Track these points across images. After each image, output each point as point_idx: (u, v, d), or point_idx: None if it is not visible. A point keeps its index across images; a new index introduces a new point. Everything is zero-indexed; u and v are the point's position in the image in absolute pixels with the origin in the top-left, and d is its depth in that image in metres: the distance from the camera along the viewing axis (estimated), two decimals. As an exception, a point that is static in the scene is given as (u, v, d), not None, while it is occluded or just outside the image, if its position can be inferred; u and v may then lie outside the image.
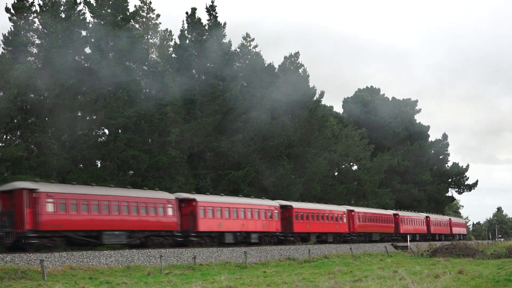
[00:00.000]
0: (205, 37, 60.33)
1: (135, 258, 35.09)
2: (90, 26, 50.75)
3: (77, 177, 44.46)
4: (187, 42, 59.20)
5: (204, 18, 61.95)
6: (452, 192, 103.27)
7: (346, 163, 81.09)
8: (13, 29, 46.76)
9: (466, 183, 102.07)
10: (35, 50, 48.02)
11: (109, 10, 51.74)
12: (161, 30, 64.92)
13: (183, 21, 60.86)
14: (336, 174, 79.94)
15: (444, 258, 42.63)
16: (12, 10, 47.06)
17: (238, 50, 66.40)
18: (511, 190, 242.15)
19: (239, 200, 47.42)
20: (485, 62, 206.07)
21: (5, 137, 45.81)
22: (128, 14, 53.41)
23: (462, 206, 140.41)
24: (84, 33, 50.28)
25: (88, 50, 50.19)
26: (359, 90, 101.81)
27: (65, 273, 29.75)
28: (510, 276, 25.72)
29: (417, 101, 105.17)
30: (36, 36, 48.07)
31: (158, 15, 64.15)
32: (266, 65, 66.22)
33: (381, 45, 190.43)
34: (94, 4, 51.53)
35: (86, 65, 48.87)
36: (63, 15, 48.87)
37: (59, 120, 46.06)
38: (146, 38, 61.01)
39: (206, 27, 61.68)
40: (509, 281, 24.27)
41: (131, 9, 54.80)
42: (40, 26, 48.05)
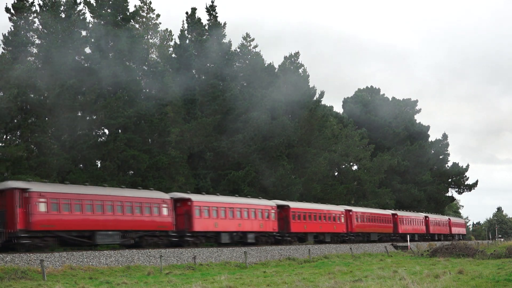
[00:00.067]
0: (205, 37, 60.34)
1: (135, 258, 35.08)
2: (90, 26, 50.77)
3: (77, 177, 44.46)
4: (187, 42, 59.20)
5: (204, 18, 62.10)
6: (452, 192, 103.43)
7: (346, 163, 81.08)
8: (13, 29, 46.76)
9: (466, 183, 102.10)
10: (35, 50, 48.03)
11: (109, 10, 51.75)
12: (161, 30, 65.01)
13: (183, 21, 60.97)
14: (336, 174, 79.93)
15: (444, 258, 42.63)
16: (12, 10, 47.07)
17: (238, 50, 66.41)
18: (511, 190, 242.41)
19: (235, 200, 47.06)
20: (485, 62, 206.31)
21: (5, 137, 45.82)
22: (128, 14, 53.42)
23: (462, 206, 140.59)
24: (84, 33, 50.30)
25: (88, 50, 50.21)
26: (359, 90, 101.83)
27: (65, 273, 29.75)
28: (510, 276, 25.72)
29: (417, 101, 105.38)
30: (36, 36, 48.08)
31: (158, 15, 64.23)
32: (266, 65, 66.23)
33: (381, 45, 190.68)
34: (94, 4, 51.54)
35: (86, 65, 48.88)
36: (63, 15, 48.88)
37: (59, 120, 46.05)
38: (146, 38, 61.02)
39: (206, 27, 61.69)
40: (509, 281, 24.27)
41: (131, 9, 54.88)
42: (40, 26, 48.06)
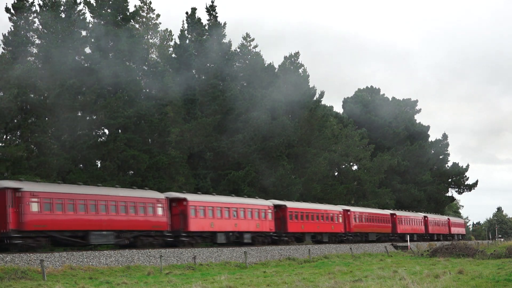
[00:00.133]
0: (205, 37, 60.34)
1: (135, 258, 35.07)
2: (90, 26, 50.78)
3: (77, 177, 44.47)
4: (187, 42, 59.19)
5: (204, 18, 62.10)
6: (452, 192, 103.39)
7: (346, 163, 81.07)
8: (13, 29, 46.79)
9: (466, 183, 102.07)
10: (35, 50, 48.05)
11: (109, 10, 51.76)
12: (161, 30, 65.03)
13: (183, 21, 60.95)
14: (336, 174, 79.92)
15: (444, 258, 42.63)
16: (12, 10, 47.09)
17: (238, 50, 66.42)
18: (511, 190, 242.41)
19: (232, 199, 46.68)
20: (485, 62, 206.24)
21: (5, 137, 45.84)
22: (128, 14, 53.43)
23: (462, 206, 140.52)
24: (84, 33, 50.33)
25: (88, 50, 50.23)
26: (359, 90, 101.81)
27: (65, 273, 29.73)
28: (510, 276, 25.72)
29: (417, 101, 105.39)
30: (36, 36, 48.10)
31: (158, 15, 64.24)
32: (266, 65, 66.23)
33: (381, 45, 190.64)
34: (94, 4, 51.55)
35: (86, 65, 48.89)
36: (63, 15, 48.89)
37: (59, 120, 46.06)
38: (146, 38, 61.05)
39: (206, 27, 61.69)
40: (509, 281, 24.27)
41: (131, 9, 54.90)
42: (40, 26, 48.09)
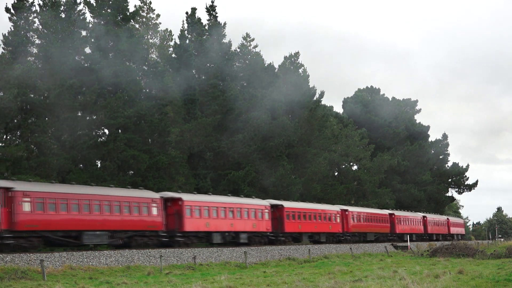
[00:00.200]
0: (205, 37, 60.36)
1: (135, 258, 35.09)
2: (90, 26, 50.79)
3: (77, 177, 44.48)
4: (187, 42, 59.21)
5: (204, 18, 62.11)
6: (452, 192, 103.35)
7: (346, 163, 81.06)
8: (13, 29, 46.79)
9: (466, 183, 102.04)
10: (35, 50, 48.05)
11: (109, 10, 51.77)
12: (161, 30, 65.03)
13: (183, 21, 60.96)
14: (336, 174, 79.91)
15: (444, 258, 42.64)
16: (12, 10, 47.09)
17: (238, 50, 66.42)
18: (511, 190, 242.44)
19: (227, 199, 46.29)
20: (485, 62, 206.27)
21: (5, 137, 45.85)
22: (128, 14, 53.44)
23: (462, 206, 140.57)
24: (84, 33, 50.34)
25: (88, 50, 50.24)
26: (359, 90, 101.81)
27: (65, 273, 29.75)
28: (510, 276, 25.73)
29: (417, 101, 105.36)
30: (36, 36, 48.10)
31: (158, 15, 64.25)
32: (266, 65, 66.20)
33: (381, 45, 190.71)
34: (94, 4, 51.55)
35: (86, 65, 48.89)
36: (63, 15, 48.89)
37: (59, 120, 46.06)
38: (146, 38, 61.05)
39: (206, 27, 61.70)
40: (509, 281, 24.28)
41: (131, 9, 54.90)
42: (40, 26, 48.09)
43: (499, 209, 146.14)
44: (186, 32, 59.97)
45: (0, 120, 43.34)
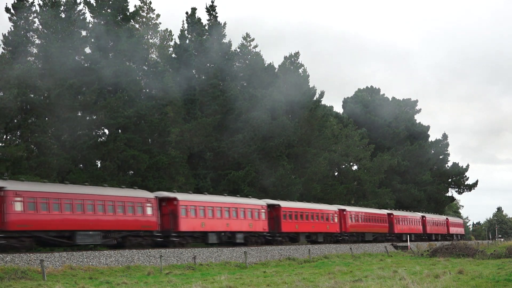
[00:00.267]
0: (205, 37, 60.37)
1: (135, 258, 35.09)
2: (90, 26, 50.80)
3: (77, 177, 44.49)
4: (187, 42, 59.23)
5: (204, 18, 62.13)
6: (452, 192, 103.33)
7: (346, 163, 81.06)
8: (13, 29, 46.78)
9: (466, 183, 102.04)
10: (35, 50, 48.05)
11: (109, 10, 51.78)
12: (161, 30, 64.99)
13: (183, 21, 60.99)
14: (336, 174, 79.90)
15: (444, 258, 42.65)
16: (12, 10, 47.09)
17: (238, 50, 66.41)
18: (511, 190, 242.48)
19: (223, 199, 45.94)
20: (485, 62, 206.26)
21: (5, 137, 45.85)
22: (128, 14, 53.46)
23: (462, 206, 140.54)
24: (84, 33, 50.34)
25: (88, 50, 50.25)
26: (359, 90, 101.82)
27: (65, 273, 29.74)
28: (510, 276, 25.73)
29: (417, 101, 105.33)
30: (36, 36, 48.10)
31: (158, 15, 64.21)
32: (266, 65, 66.16)
33: (381, 45, 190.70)
34: (94, 4, 51.56)
35: (86, 65, 48.91)
36: (63, 15, 48.89)
37: (59, 120, 46.07)
38: (146, 38, 61.03)
39: (206, 27, 61.72)
40: (509, 281, 24.28)
41: (131, 9, 54.92)
42: (40, 26, 48.09)
43: (499, 209, 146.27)
44: (186, 32, 60.00)
45: (0, 120, 43.33)
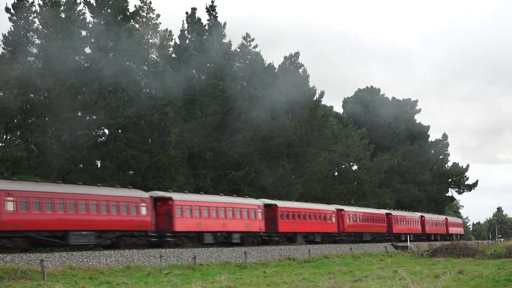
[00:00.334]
0: (205, 37, 60.36)
1: (135, 258, 35.10)
2: (90, 26, 50.80)
3: (77, 177, 44.48)
4: (187, 42, 59.23)
5: (204, 18, 62.11)
6: (452, 192, 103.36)
7: (346, 163, 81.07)
8: (13, 29, 46.78)
9: (466, 183, 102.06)
10: (35, 50, 48.05)
11: (109, 10, 51.78)
12: (161, 30, 64.96)
13: (183, 21, 60.96)
14: (336, 174, 79.90)
15: (444, 258, 42.65)
16: (12, 10, 47.09)
17: (238, 50, 66.41)
18: (511, 190, 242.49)
19: (219, 198, 45.68)
20: (485, 62, 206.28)
21: (5, 137, 45.84)
22: (128, 14, 53.46)
23: (462, 206, 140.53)
24: (84, 33, 50.34)
25: (88, 49, 50.25)
26: (359, 90, 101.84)
27: (65, 273, 29.75)
28: (510, 276, 25.73)
29: (417, 101, 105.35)
30: (36, 36, 48.10)
31: (158, 15, 64.18)
32: (266, 65, 66.17)
33: (381, 45, 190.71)
34: (94, 4, 51.56)
35: (86, 65, 48.90)
36: (63, 15, 48.89)
37: (59, 120, 46.07)
38: (146, 38, 61.02)
39: (206, 27, 61.71)
40: (509, 281, 24.27)
41: (131, 9, 54.93)
42: (40, 26, 48.09)
43: (499, 209, 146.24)
44: (186, 32, 59.99)
45: (0, 120, 43.33)
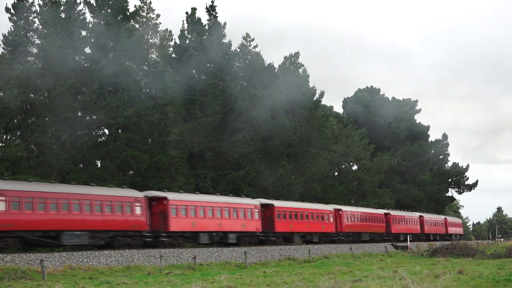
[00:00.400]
0: (205, 37, 60.36)
1: (135, 258, 35.10)
2: (90, 25, 50.81)
3: (77, 177, 44.48)
4: (187, 42, 59.23)
5: (204, 18, 62.12)
6: (452, 192, 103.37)
7: (346, 163, 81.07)
8: (13, 29, 46.78)
9: (466, 183, 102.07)
10: (35, 50, 48.06)
11: (109, 10, 51.79)
12: (161, 30, 64.93)
13: (183, 21, 60.99)
14: (336, 174, 79.90)
15: (444, 258, 42.65)
16: (12, 10, 47.10)
17: (238, 50, 66.41)
18: (511, 190, 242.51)
19: (215, 198, 45.38)
20: (485, 62, 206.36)
21: (5, 137, 45.85)
22: (128, 14, 53.48)
23: (462, 206, 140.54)
24: (84, 32, 50.36)
25: (88, 49, 50.25)
26: (359, 90, 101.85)
27: (65, 273, 29.75)
28: (510, 276, 25.72)
29: (417, 101, 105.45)
30: (36, 36, 48.11)
31: (158, 15, 64.13)
32: (266, 65, 66.17)
33: (381, 45, 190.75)
34: (94, 4, 51.57)
35: (86, 65, 48.91)
36: (63, 15, 48.91)
37: (59, 120, 46.07)
38: (146, 38, 61.02)
39: (206, 27, 61.71)
40: (509, 281, 24.27)
41: (131, 9, 54.95)
42: (40, 26, 48.09)
43: (499, 209, 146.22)
44: (186, 32, 60.00)
45: (0, 120, 43.33)
